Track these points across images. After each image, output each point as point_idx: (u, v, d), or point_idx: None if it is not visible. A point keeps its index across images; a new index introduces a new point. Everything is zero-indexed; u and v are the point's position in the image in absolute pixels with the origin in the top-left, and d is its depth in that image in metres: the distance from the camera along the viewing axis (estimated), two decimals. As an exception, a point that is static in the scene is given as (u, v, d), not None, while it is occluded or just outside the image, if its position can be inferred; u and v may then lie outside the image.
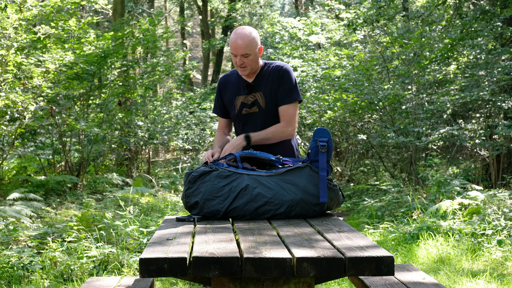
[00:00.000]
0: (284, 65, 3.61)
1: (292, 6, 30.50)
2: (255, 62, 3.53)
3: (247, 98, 3.59)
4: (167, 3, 28.77)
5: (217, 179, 3.13)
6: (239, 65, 3.51)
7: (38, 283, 5.02)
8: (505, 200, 6.67)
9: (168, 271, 2.27)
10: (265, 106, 3.56)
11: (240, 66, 3.52)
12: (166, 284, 5.18)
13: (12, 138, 10.04)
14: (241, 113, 3.60)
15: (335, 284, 4.97)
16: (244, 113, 3.60)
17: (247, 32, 3.50)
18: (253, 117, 3.59)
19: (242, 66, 3.51)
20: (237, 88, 3.62)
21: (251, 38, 3.49)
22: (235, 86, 3.64)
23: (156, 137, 13.85)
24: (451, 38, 10.07)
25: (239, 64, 3.50)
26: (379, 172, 12.56)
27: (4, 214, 7.34)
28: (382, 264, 2.28)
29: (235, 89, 3.63)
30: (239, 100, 3.61)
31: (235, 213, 3.10)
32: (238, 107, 3.60)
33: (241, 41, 3.48)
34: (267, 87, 3.57)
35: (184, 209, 9.29)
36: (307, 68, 12.34)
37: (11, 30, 9.11)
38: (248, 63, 3.51)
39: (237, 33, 3.52)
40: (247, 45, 3.48)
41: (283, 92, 3.55)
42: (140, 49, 13.97)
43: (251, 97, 3.58)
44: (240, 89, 3.61)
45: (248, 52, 3.48)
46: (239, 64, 3.50)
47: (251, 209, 3.09)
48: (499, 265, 5.26)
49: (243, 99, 3.60)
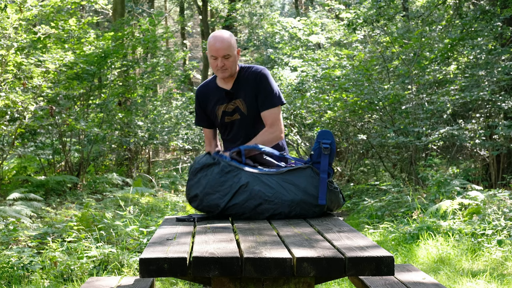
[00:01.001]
0: (262, 69, 3.59)
1: (292, 6, 30.50)
2: (235, 64, 3.54)
3: (228, 106, 3.58)
4: (167, 3, 28.77)
5: (218, 174, 3.13)
6: (220, 67, 3.50)
7: (38, 283, 5.02)
8: (505, 200, 6.66)
9: (168, 271, 2.28)
10: (246, 112, 3.56)
11: (221, 69, 3.50)
12: (166, 284, 5.18)
13: (12, 138, 10.04)
14: (224, 121, 3.61)
15: (335, 284, 4.97)
16: (226, 121, 3.60)
17: (226, 35, 3.52)
18: (235, 124, 3.59)
19: (223, 68, 3.50)
20: (217, 98, 3.61)
21: (230, 40, 3.52)
22: (215, 96, 3.62)
23: (156, 137, 13.85)
24: (451, 38, 10.07)
25: (220, 66, 3.49)
26: (379, 172, 12.56)
27: (4, 214, 7.34)
28: (382, 264, 2.28)
29: (215, 99, 3.61)
30: (220, 110, 3.60)
31: (234, 210, 3.10)
32: (220, 117, 3.60)
33: (220, 43, 3.49)
34: (247, 92, 3.56)
35: (184, 209, 9.29)
36: (307, 68, 12.34)
37: (11, 30, 9.11)
38: (229, 65, 3.51)
39: (216, 35, 3.54)
40: (227, 46, 3.49)
41: (263, 98, 3.54)
42: (140, 49, 13.97)
43: (231, 105, 3.58)
44: (220, 99, 3.60)
45: (229, 53, 3.49)
46: (220, 66, 3.49)
47: (251, 207, 3.08)
48: (499, 265, 5.26)
49: (223, 108, 3.59)
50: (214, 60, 3.51)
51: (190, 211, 8.54)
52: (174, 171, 15.32)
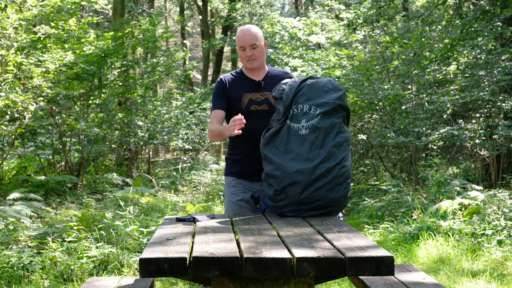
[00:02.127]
0: (290, 72, 3.82)
1: (292, 6, 30.49)
2: (262, 55, 3.66)
3: (257, 96, 3.66)
4: (167, 3, 28.76)
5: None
6: (248, 57, 3.60)
7: (38, 283, 5.02)
8: (505, 200, 6.66)
9: (168, 271, 2.28)
10: (275, 105, 3.60)
11: (250, 59, 3.61)
12: (166, 284, 5.18)
13: (12, 138, 10.04)
14: (249, 109, 3.63)
15: (335, 284, 4.96)
16: (252, 109, 3.64)
17: (254, 27, 3.68)
18: (261, 114, 3.63)
19: (252, 58, 3.61)
20: (245, 86, 3.67)
21: (257, 31, 3.66)
22: (242, 83, 3.69)
23: (156, 137, 13.84)
24: (451, 38, 10.07)
25: (248, 55, 3.60)
26: (379, 172, 12.55)
27: (4, 214, 7.34)
28: (382, 264, 2.28)
29: (242, 86, 3.67)
30: (247, 97, 3.65)
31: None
32: (245, 103, 3.64)
33: (248, 34, 3.62)
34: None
35: (184, 209, 9.29)
36: (307, 68, 12.33)
37: (11, 30, 9.11)
38: (257, 55, 3.61)
39: (243, 28, 3.68)
40: (255, 35, 3.61)
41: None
42: (140, 49, 13.97)
43: (261, 95, 3.66)
44: (249, 87, 3.67)
45: (256, 42, 3.60)
46: (249, 56, 3.60)
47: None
48: (499, 265, 5.26)
49: (251, 96, 3.65)
50: (243, 51, 3.62)
51: (190, 211, 8.54)
52: (174, 171, 15.32)
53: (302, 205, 3.23)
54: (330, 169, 3.22)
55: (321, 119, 3.29)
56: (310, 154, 3.24)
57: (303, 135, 3.29)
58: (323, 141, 3.27)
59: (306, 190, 3.20)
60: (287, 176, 3.22)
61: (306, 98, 3.36)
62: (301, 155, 3.25)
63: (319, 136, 3.27)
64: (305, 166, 3.21)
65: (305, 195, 3.20)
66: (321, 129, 3.28)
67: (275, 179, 3.26)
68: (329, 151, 3.25)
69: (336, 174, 3.23)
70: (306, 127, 3.29)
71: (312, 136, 3.27)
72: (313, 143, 3.26)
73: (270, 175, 3.30)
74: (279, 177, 3.25)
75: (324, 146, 3.26)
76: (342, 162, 3.27)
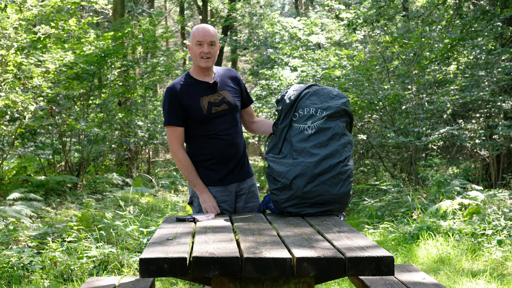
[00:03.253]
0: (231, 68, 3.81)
1: (292, 6, 30.49)
2: (216, 55, 3.57)
3: (214, 97, 3.53)
4: (167, 3, 28.76)
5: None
6: (205, 54, 3.49)
7: (38, 283, 5.02)
8: (505, 200, 6.66)
9: (168, 271, 2.28)
10: (234, 103, 3.58)
11: (205, 56, 3.50)
12: (166, 284, 5.18)
13: (12, 138, 10.04)
14: (211, 112, 3.51)
15: (335, 284, 4.96)
16: (213, 112, 3.52)
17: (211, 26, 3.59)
18: (224, 115, 3.55)
19: (207, 56, 3.51)
20: (199, 90, 3.53)
21: (215, 30, 3.58)
22: (194, 89, 3.54)
23: (156, 137, 13.85)
24: (451, 38, 10.07)
25: (205, 52, 3.49)
26: (379, 172, 12.55)
27: (4, 214, 7.34)
28: (382, 264, 2.28)
29: (196, 92, 3.53)
30: (205, 101, 3.52)
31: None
32: (206, 108, 3.51)
33: (208, 29, 3.53)
34: (230, 86, 3.61)
35: (184, 209, 9.29)
36: (307, 68, 12.33)
37: (11, 30, 9.11)
38: (213, 53, 3.53)
39: (200, 25, 3.58)
40: (214, 33, 3.53)
41: (246, 93, 3.72)
42: (140, 49, 13.96)
43: (217, 96, 3.55)
44: (203, 90, 3.54)
45: (215, 40, 3.52)
46: (205, 52, 3.49)
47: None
48: (499, 265, 5.26)
49: (209, 99, 3.52)
50: (199, 46, 3.49)
51: (190, 211, 8.54)
52: (174, 171, 15.32)
53: (304, 199, 3.27)
54: (334, 166, 3.29)
55: (326, 121, 3.37)
56: (314, 150, 3.32)
57: (308, 135, 3.35)
58: (328, 141, 3.35)
59: (310, 182, 3.25)
60: (292, 169, 3.29)
61: (311, 102, 3.43)
62: (306, 151, 3.33)
63: (324, 136, 3.35)
64: (310, 160, 3.29)
65: (309, 188, 3.25)
66: (326, 130, 3.35)
67: (279, 173, 3.32)
68: (333, 149, 3.33)
69: (340, 171, 3.30)
70: (312, 128, 3.37)
71: (317, 135, 3.35)
72: (318, 141, 3.34)
73: (274, 170, 3.35)
74: (284, 171, 3.31)
75: (329, 145, 3.34)
76: (345, 161, 3.34)
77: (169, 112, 3.51)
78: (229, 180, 3.58)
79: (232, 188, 3.60)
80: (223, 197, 3.57)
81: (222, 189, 3.57)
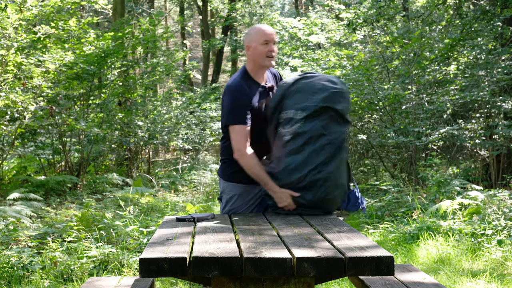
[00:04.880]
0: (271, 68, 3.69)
1: (292, 6, 30.48)
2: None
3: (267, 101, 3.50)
4: (167, 3, 28.75)
5: None
6: (271, 52, 3.45)
7: (38, 283, 5.02)
8: (505, 200, 6.66)
9: (168, 271, 2.28)
10: None
11: (271, 55, 3.46)
12: (166, 284, 5.18)
13: (12, 138, 10.04)
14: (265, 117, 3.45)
15: (335, 284, 4.96)
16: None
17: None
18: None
19: (272, 55, 3.47)
20: (257, 93, 3.47)
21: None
22: (253, 90, 3.46)
23: (156, 137, 13.84)
24: (451, 38, 10.06)
25: (271, 50, 3.45)
26: (379, 172, 12.55)
27: (4, 214, 7.34)
28: (382, 264, 2.28)
29: (256, 94, 3.46)
30: (262, 104, 3.46)
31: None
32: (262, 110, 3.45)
33: (271, 29, 3.51)
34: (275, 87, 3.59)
35: (184, 209, 9.29)
36: (307, 68, 12.34)
37: (11, 30, 9.11)
38: (276, 53, 3.50)
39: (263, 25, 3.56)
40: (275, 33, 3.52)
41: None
42: (140, 49, 13.96)
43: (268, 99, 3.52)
44: (261, 93, 3.49)
45: (277, 41, 3.51)
46: (271, 51, 3.45)
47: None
48: (499, 265, 5.26)
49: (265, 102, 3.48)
50: (266, 45, 3.44)
51: (190, 211, 8.54)
52: (174, 171, 15.32)
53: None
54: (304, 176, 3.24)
55: (304, 123, 3.27)
56: (287, 159, 3.28)
57: (285, 141, 3.31)
58: (303, 146, 3.26)
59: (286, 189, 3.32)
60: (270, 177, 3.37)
61: (294, 102, 3.33)
62: (280, 160, 3.31)
63: (300, 141, 3.27)
64: (282, 170, 3.29)
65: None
66: (302, 134, 3.27)
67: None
68: (305, 156, 3.24)
69: (311, 179, 3.24)
70: (290, 133, 3.30)
71: (294, 141, 3.28)
72: (293, 147, 3.28)
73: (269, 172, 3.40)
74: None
75: (303, 151, 3.26)
76: (318, 168, 3.24)
77: (238, 110, 3.39)
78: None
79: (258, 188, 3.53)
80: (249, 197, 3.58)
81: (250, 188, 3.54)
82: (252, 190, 3.52)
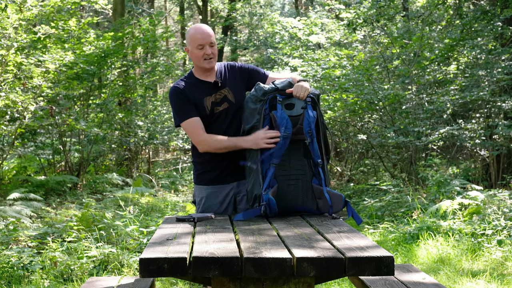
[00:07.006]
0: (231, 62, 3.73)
1: (292, 6, 30.49)
2: (217, 54, 3.56)
3: (216, 97, 3.53)
4: (167, 3, 28.76)
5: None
6: (207, 55, 3.48)
7: (38, 283, 5.02)
8: (505, 200, 6.66)
9: (168, 271, 2.28)
10: (234, 100, 3.55)
11: (208, 57, 3.49)
12: (166, 284, 5.18)
13: (12, 138, 10.04)
14: (213, 112, 3.51)
15: (335, 284, 4.96)
16: (215, 111, 3.52)
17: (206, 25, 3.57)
18: (226, 113, 3.54)
19: (209, 57, 3.50)
20: (203, 90, 3.53)
21: (210, 28, 3.57)
22: (198, 88, 3.53)
23: (156, 137, 13.85)
24: (451, 38, 10.06)
25: (207, 54, 3.48)
26: (379, 172, 12.55)
27: (4, 214, 7.34)
28: (382, 264, 2.28)
29: (200, 91, 3.52)
30: (209, 101, 3.52)
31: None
32: (209, 108, 3.50)
33: (206, 30, 3.52)
34: (231, 81, 3.58)
35: (184, 209, 9.29)
36: (307, 68, 12.33)
37: (11, 30, 9.11)
38: (215, 53, 3.52)
39: (196, 26, 3.56)
40: (212, 33, 3.52)
41: (255, 72, 3.63)
42: (140, 49, 13.97)
43: (219, 95, 3.54)
44: (207, 90, 3.53)
45: (213, 41, 3.51)
46: (208, 54, 3.48)
47: None
48: (499, 265, 5.26)
49: (212, 99, 3.52)
50: (201, 49, 3.48)
51: (190, 211, 8.54)
52: (174, 171, 15.32)
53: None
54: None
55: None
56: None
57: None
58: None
59: None
60: None
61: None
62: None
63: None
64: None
65: None
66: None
67: None
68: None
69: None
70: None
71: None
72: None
73: None
74: None
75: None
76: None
77: (181, 107, 3.48)
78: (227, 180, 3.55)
79: (228, 188, 3.56)
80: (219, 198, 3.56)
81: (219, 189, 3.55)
82: (221, 191, 3.56)
